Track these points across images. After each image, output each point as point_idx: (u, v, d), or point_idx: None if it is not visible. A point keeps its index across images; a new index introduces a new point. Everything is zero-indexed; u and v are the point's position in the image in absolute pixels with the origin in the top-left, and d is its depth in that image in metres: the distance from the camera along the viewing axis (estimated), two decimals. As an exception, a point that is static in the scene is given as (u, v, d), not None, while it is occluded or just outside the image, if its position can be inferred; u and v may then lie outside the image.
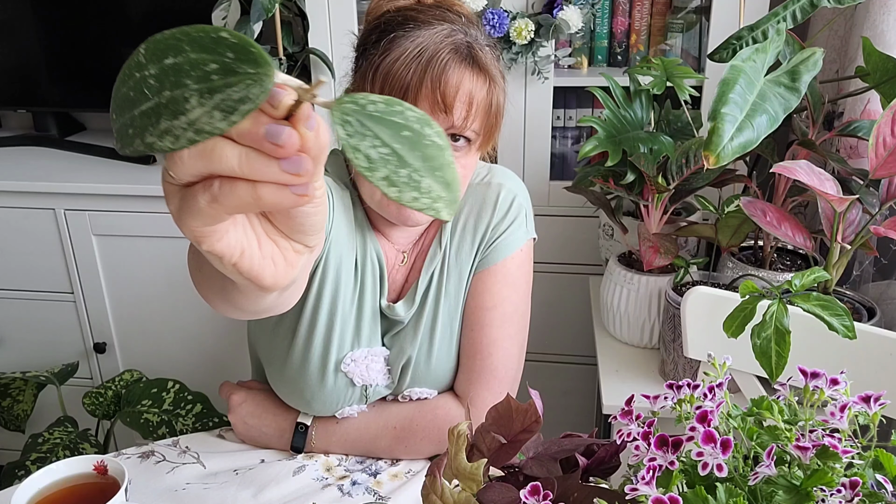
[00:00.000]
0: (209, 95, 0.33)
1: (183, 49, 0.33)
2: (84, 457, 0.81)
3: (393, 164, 0.35)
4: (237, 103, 0.33)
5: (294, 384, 1.02)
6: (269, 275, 0.43)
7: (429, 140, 0.37)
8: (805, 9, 1.10)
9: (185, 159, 0.36)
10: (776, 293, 0.79)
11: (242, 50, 0.33)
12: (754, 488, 0.45)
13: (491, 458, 0.54)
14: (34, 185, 1.80)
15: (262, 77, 0.33)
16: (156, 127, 0.34)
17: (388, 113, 0.36)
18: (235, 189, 0.36)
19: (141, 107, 0.34)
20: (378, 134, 0.35)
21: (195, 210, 0.38)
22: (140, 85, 0.34)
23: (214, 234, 0.40)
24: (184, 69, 0.33)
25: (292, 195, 0.36)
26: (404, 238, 1.06)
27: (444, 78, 0.88)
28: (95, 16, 1.94)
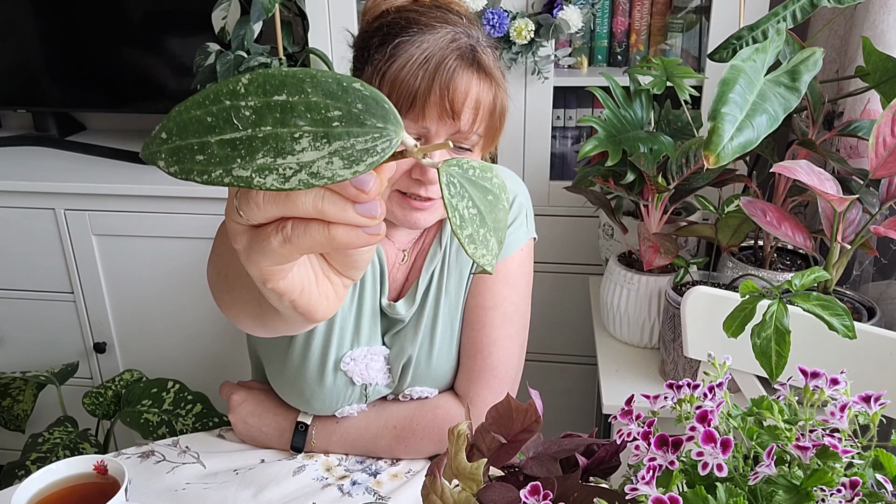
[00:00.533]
0: (326, 140, 0.33)
1: (303, 89, 0.33)
2: (84, 457, 0.81)
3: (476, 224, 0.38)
4: (362, 154, 0.33)
5: (294, 383, 1.02)
6: (322, 309, 0.44)
7: (502, 205, 0.40)
8: (805, 9, 1.10)
9: (262, 203, 0.36)
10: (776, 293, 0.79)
11: (374, 104, 0.33)
12: (754, 488, 0.45)
13: (491, 458, 0.54)
14: (34, 185, 1.80)
15: (390, 133, 0.34)
16: (249, 161, 0.33)
17: (482, 178, 0.38)
18: (309, 230, 0.37)
19: (223, 136, 0.33)
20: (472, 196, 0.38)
21: (267, 250, 0.38)
22: (228, 113, 0.33)
23: (281, 273, 0.40)
24: (297, 109, 0.33)
25: (365, 235, 0.37)
26: (405, 237, 1.06)
27: (453, 85, 0.89)
28: (95, 16, 1.94)
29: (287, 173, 0.33)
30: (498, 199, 0.39)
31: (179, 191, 1.75)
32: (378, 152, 0.34)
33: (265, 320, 0.56)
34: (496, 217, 0.39)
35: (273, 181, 0.33)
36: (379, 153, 0.34)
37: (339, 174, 0.33)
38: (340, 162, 0.33)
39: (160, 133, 0.34)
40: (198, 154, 0.34)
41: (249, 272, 0.41)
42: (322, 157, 0.33)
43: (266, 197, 0.36)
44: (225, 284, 0.57)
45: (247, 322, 0.59)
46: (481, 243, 0.38)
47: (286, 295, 0.42)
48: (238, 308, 0.58)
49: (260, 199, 0.36)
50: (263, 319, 0.56)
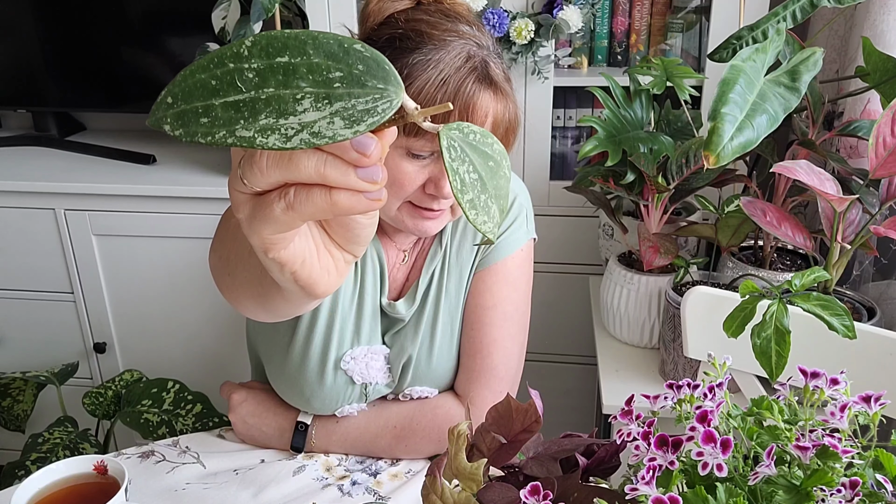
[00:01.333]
0: (327, 101, 0.34)
1: (305, 51, 0.33)
2: (84, 457, 0.81)
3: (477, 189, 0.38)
4: (362, 114, 0.34)
5: (294, 382, 1.02)
6: (323, 283, 0.45)
7: (503, 172, 0.40)
8: (805, 9, 1.10)
9: (265, 168, 0.37)
10: (776, 293, 0.79)
11: (375, 65, 0.34)
12: (754, 488, 0.45)
13: (491, 458, 0.54)
14: (34, 185, 1.80)
15: (391, 94, 0.34)
16: (252, 122, 0.34)
17: (482, 144, 0.39)
18: (311, 196, 0.37)
19: (227, 98, 0.34)
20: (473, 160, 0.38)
21: (270, 218, 0.38)
22: (232, 76, 0.34)
23: (283, 242, 0.41)
24: (299, 70, 0.33)
25: (366, 200, 0.38)
26: (406, 238, 1.07)
27: (472, 108, 0.90)
28: (95, 16, 1.94)
29: (289, 133, 0.34)
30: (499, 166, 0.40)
31: (179, 191, 1.75)
32: (379, 112, 0.34)
33: (266, 300, 0.56)
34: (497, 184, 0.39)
35: (275, 141, 0.34)
36: (380, 113, 0.34)
37: (340, 133, 0.34)
38: (341, 122, 0.34)
39: (166, 98, 0.34)
40: (202, 117, 0.34)
41: (251, 242, 0.41)
42: (323, 117, 0.34)
43: (269, 162, 0.37)
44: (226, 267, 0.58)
45: (248, 304, 0.59)
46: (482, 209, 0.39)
47: (287, 266, 0.42)
48: (239, 290, 0.58)
49: (263, 164, 0.37)
50: (265, 299, 0.56)
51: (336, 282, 0.46)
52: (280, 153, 0.36)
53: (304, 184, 0.37)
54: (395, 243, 1.06)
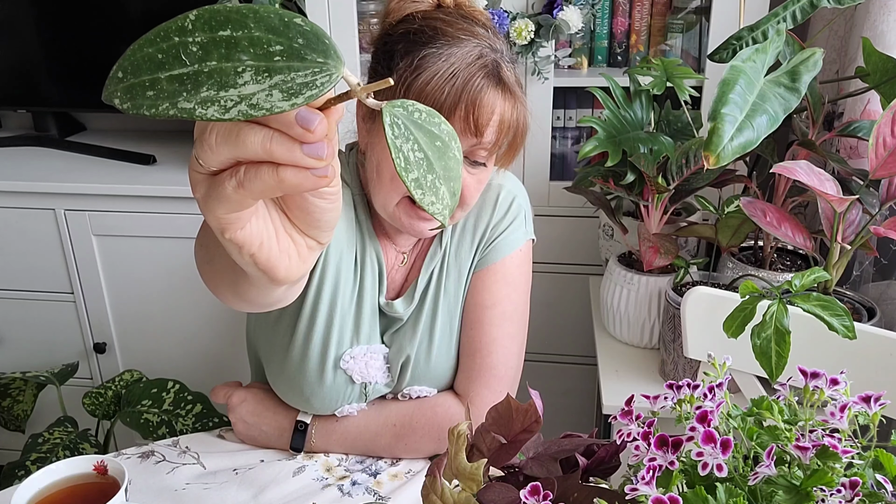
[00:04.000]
0: (267, 74, 0.34)
1: (246, 25, 0.34)
2: (84, 457, 0.81)
3: (423, 169, 0.38)
4: (301, 87, 0.34)
5: (293, 381, 1.02)
6: (283, 268, 0.45)
7: (452, 153, 0.40)
8: (805, 9, 1.10)
9: (214, 145, 0.38)
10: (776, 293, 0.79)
11: (315, 39, 0.34)
12: (754, 488, 0.45)
13: (491, 458, 0.54)
14: (34, 185, 1.80)
15: (330, 68, 0.34)
16: (193, 94, 0.34)
17: (429, 123, 0.39)
18: (260, 173, 0.38)
19: (172, 71, 0.34)
20: (418, 139, 0.38)
21: (222, 196, 0.39)
22: (177, 49, 0.34)
23: (238, 222, 0.42)
24: (241, 44, 0.34)
25: (313, 177, 0.38)
26: (405, 241, 1.07)
27: (479, 103, 0.90)
28: (95, 16, 1.94)
29: (228, 105, 0.34)
30: (447, 147, 0.40)
31: (179, 191, 1.75)
32: (317, 86, 0.34)
33: (237, 286, 0.57)
34: (446, 165, 0.39)
35: (214, 112, 0.34)
36: (318, 87, 0.34)
37: (277, 106, 0.34)
38: (280, 94, 0.34)
39: (117, 73, 0.35)
40: (149, 90, 0.35)
41: (209, 222, 0.42)
42: (263, 89, 0.34)
43: (218, 139, 0.38)
44: (206, 255, 0.59)
45: (225, 292, 0.60)
46: (429, 189, 0.38)
47: (245, 247, 0.43)
48: (217, 278, 0.59)
49: (213, 140, 0.38)
50: (236, 286, 0.57)
51: (298, 266, 0.46)
52: (228, 130, 0.37)
53: (254, 162, 0.38)
54: (394, 245, 1.06)
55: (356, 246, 1.02)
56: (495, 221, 1.06)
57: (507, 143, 0.96)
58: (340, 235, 1.00)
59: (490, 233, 1.06)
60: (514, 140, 0.97)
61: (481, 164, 0.96)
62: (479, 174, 0.97)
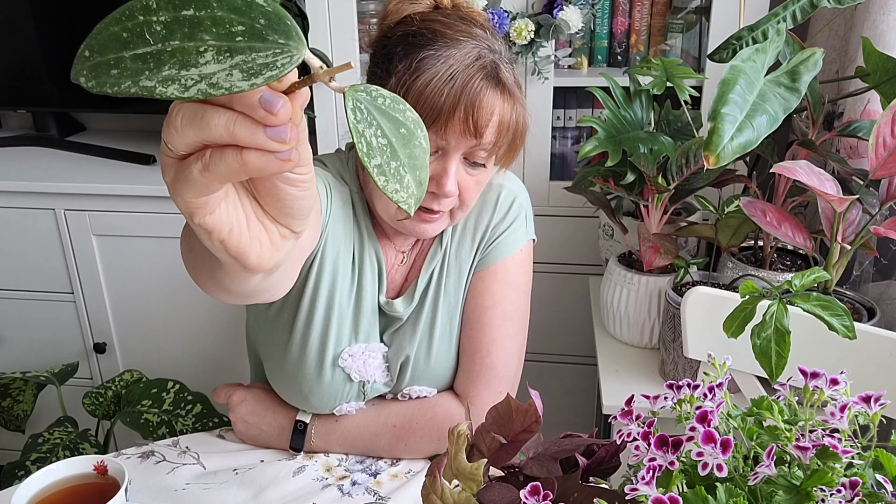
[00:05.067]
0: (228, 54, 0.34)
1: (209, 4, 0.34)
2: (84, 457, 0.81)
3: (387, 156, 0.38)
4: (261, 68, 0.34)
5: (292, 379, 1.02)
6: (254, 255, 0.45)
7: (417, 141, 0.40)
8: (805, 9, 1.10)
9: (179, 127, 0.38)
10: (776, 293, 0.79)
11: (277, 19, 0.34)
12: (754, 488, 0.45)
13: (491, 458, 0.54)
14: (34, 185, 1.80)
15: (291, 49, 0.35)
16: (155, 73, 0.34)
17: (393, 109, 0.38)
18: (224, 156, 0.38)
19: (136, 50, 0.34)
20: (381, 125, 0.38)
21: (189, 179, 0.40)
22: (141, 28, 0.34)
23: (206, 207, 0.42)
24: (204, 23, 0.34)
25: (276, 161, 0.38)
26: (404, 239, 1.07)
27: (477, 104, 0.89)
28: (95, 16, 1.93)
29: (188, 83, 0.34)
30: (412, 135, 0.39)
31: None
32: (278, 67, 0.34)
33: (215, 273, 0.57)
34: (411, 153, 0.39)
35: (174, 90, 0.34)
36: (279, 68, 0.34)
37: (236, 85, 0.34)
38: (240, 74, 0.34)
39: (84, 51, 0.35)
40: (113, 69, 0.35)
41: (178, 206, 0.42)
42: (223, 69, 0.34)
43: (184, 121, 0.38)
44: (187, 244, 0.59)
45: (206, 281, 0.60)
46: (392, 177, 0.38)
47: (214, 232, 0.43)
48: (198, 266, 0.59)
49: (178, 122, 0.38)
50: (214, 273, 0.57)
51: (271, 254, 0.46)
52: (193, 112, 0.37)
53: (220, 145, 0.38)
54: (393, 244, 1.07)
55: (354, 244, 1.02)
56: (496, 221, 1.06)
57: (506, 143, 0.96)
58: (337, 233, 1.00)
59: (491, 233, 1.06)
60: (513, 140, 0.97)
61: (481, 164, 0.96)
62: (478, 175, 0.97)
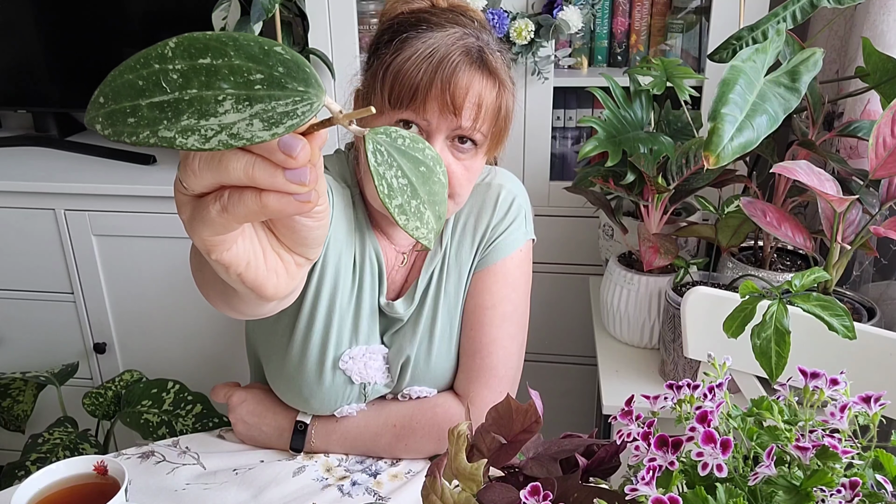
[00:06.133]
0: (248, 103, 0.34)
1: (226, 53, 0.34)
2: (84, 457, 0.81)
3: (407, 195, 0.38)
4: (282, 117, 0.34)
5: (292, 381, 1.02)
6: (271, 286, 0.45)
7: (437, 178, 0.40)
8: (805, 9, 1.10)
9: (197, 170, 0.37)
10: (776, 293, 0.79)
11: (295, 67, 0.34)
12: (754, 488, 0.45)
13: (491, 459, 0.54)
14: (34, 185, 1.80)
15: (311, 97, 0.34)
16: (174, 122, 0.34)
17: (412, 148, 0.39)
18: (243, 198, 0.38)
19: (152, 98, 0.34)
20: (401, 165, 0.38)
21: (207, 219, 0.39)
22: (157, 76, 0.34)
23: (223, 244, 0.41)
24: (221, 72, 0.34)
25: (295, 202, 0.38)
26: (405, 239, 1.07)
27: (455, 79, 0.89)
28: (95, 16, 1.94)
29: (208, 134, 0.34)
30: (432, 172, 0.39)
31: (179, 191, 1.74)
32: (298, 115, 0.34)
33: (228, 297, 0.57)
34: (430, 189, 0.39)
35: (195, 141, 0.34)
36: (299, 116, 0.34)
37: (258, 135, 0.34)
38: (260, 124, 0.34)
39: (98, 98, 0.35)
40: (129, 117, 0.34)
41: (195, 243, 0.42)
42: (243, 118, 0.34)
43: (201, 164, 0.37)
44: (198, 263, 0.59)
45: (216, 300, 0.61)
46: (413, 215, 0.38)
47: (232, 267, 0.43)
48: (207, 286, 0.60)
49: (196, 165, 0.38)
50: (226, 296, 0.57)
51: (287, 284, 0.46)
52: (211, 156, 0.37)
53: (237, 186, 0.38)
54: (393, 245, 1.06)
55: (355, 246, 1.02)
56: (495, 222, 1.06)
57: (487, 127, 0.94)
58: (340, 235, 1.00)
59: (490, 233, 1.06)
60: (497, 126, 0.96)
61: (467, 149, 0.94)
62: (466, 161, 0.95)
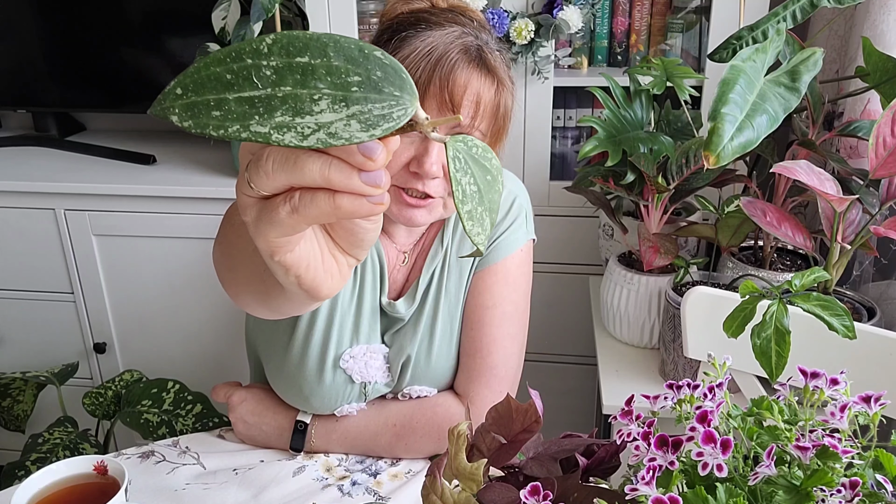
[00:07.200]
0: (344, 104, 0.34)
1: (326, 53, 0.34)
2: (84, 457, 0.81)
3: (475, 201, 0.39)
4: (378, 119, 0.34)
5: (293, 380, 1.02)
6: (326, 287, 0.45)
7: (498, 187, 0.41)
8: (805, 9, 1.10)
9: (271, 171, 0.37)
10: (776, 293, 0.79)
11: (393, 72, 0.35)
12: (754, 488, 0.45)
13: (491, 458, 0.54)
14: (34, 185, 1.80)
15: (405, 102, 0.35)
16: (267, 118, 0.34)
17: (483, 157, 0.40)
18: (316, 199, 0.38)
19: (241, 93, 0.34)
20: (474, 173, 0.39)
21: (276, 221, 0.39)
22: (248, 71, 0.34)
23: (288, 246, 0.41)
24: (318, 72, 0.34)
25: (369, 204, 0.38)
26: (406, 238, 1.07)
27: (453, 77, 0.89)
28: (95, 16, 1.94)
29: (305, 132, 0.34)
30: (496, 181, 0.41)
31: (179, 191, 1.75)
32: (394, 118, 0.35)
33: (268, 298, 0.56)
34: (492, 198, 0.40)
35: (292, 138, 0.34)
36: (395, 119, 0.35)
37: (356, 136, 0.34)
38: (358, 125, 0.34)
39: (175, 89, 0.34)
40: (214, 110, 0.34)
41: (258, 245, 0.42)
42: (340, 119, 0.34)
43: (275, 165, 0.37)
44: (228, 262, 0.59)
45: (249, 301, 0.60)
46: (478, 221, 0.39)
47: (292, 269, 0.43)
48: (241, 286, 0.59)
49: (269, 167, 0.37)
50: (266, 297, 0.56)
51: (339, 285, 0.46)
52: (285, 157, 0.37)
53: (308, 187, 0.38)
54: (395, 244, 1.06)
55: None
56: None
57: (486, 125, 0.94)
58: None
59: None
60: (496, 125, 0.96)
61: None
62: None
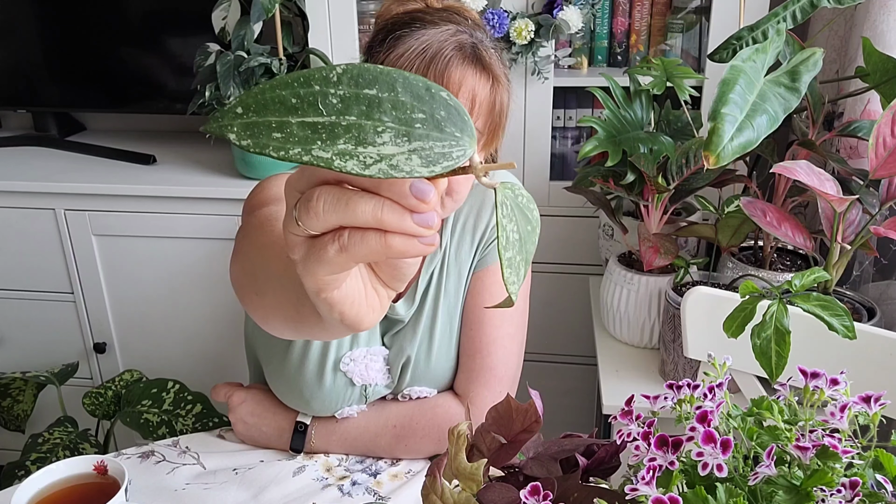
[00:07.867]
0: (406, 139, 0.35)
1: (394, 88, 0.35)
2: (84, 457, 0.81)
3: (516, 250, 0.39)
4: (439, 157, 0.35)
5: (293, 383, 1.02)
6: (367, 320, 0.45)
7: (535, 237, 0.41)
8: (805, 9, 1.10)
9: (321, 212, 0.37)
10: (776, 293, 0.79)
11: (456, 113, 0.36)
12: (754, 488, 0.45)
13: (491, 458, 0.54)
14: (34, 185, 1.80)
15: (464, 143, 0.36)
16: (329, 145, 0.35)
17: (527, 208, 0.40)
18: (366, 238, 0.38)
19: (305, 118, 0.34)
20: (518, 221, 0.39)
21: (324, 259, 0.39)
22: (315, 97, 0.34)
23: (335, 283, 0.41)
24: (384, 105, 0.35)
25: (420, 245, 0.38)
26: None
27: (448, 74, 0.88)
28: (95, 16, 1.94)
29: (367, 161, 0.35)
30: (534, 232, 0.41)
31: (179, 191, 1.75)
32: (454, 158, 0.36)
33: (301, 326, 0.56)
34: (528, 249, 0.41)
35: (354, 166, 0.35)
36: (454, 159, 0.36)
37: (416, 170, 0.35)
38: (419, 160, 0.35)
39: (235, 108, 0.35)
40: (275, 132, 0.35)
41: (305, 283, 0.41)
42: (402, 152, 0.35)
43: (326, 206, 0.37)
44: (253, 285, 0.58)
45: (277, 325, 0.59)
46: (515, 269, 0.39)
47: (337, 305, 0.43)
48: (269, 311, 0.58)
49: (320, 207, 0.37)
50: (300, 325, 0.56)
51: (378, 317, 0.46)
52: (337, 198, 0.37)
53: (358, 227, 0.38)
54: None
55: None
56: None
57: (483, 122, 0.94)
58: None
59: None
60: (492, 122, 0.95)
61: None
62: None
